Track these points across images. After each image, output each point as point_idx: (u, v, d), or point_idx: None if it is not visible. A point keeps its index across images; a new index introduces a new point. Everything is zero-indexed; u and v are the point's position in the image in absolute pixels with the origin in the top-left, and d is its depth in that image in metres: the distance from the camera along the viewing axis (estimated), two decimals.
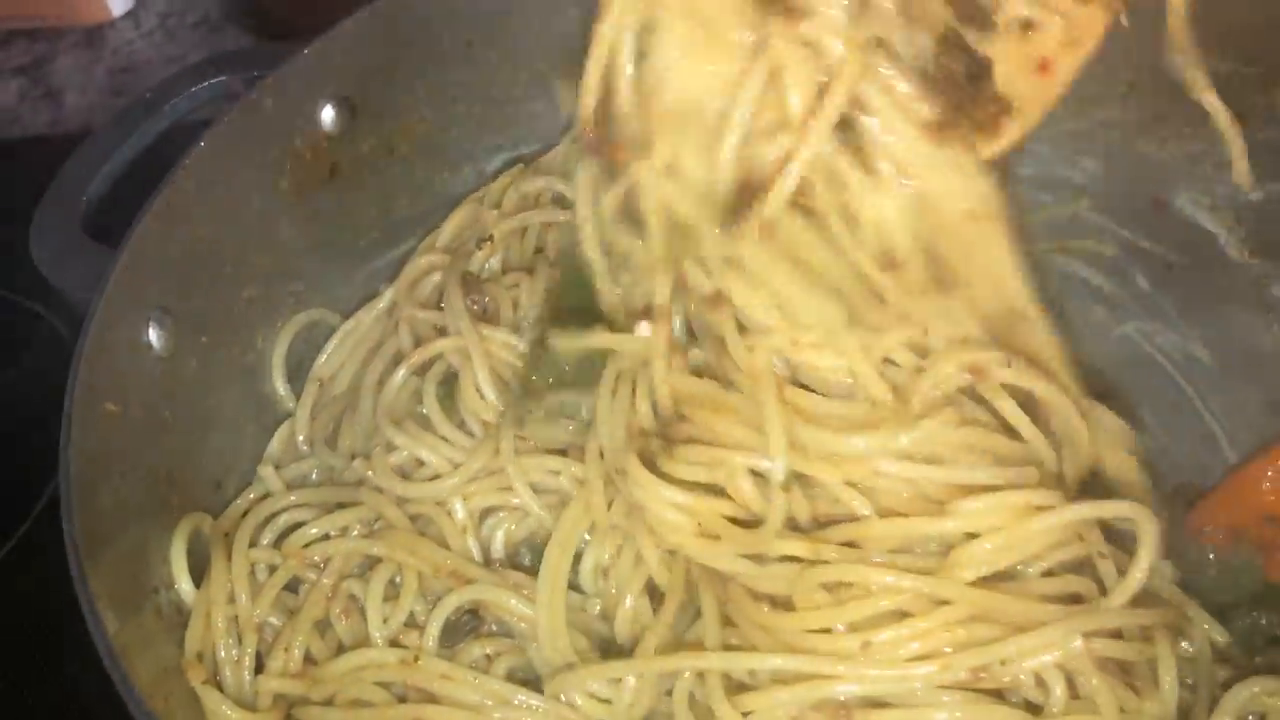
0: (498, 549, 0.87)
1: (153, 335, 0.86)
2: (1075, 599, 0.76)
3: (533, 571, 0.85)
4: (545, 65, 1.10)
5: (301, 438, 0.95)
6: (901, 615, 0.73)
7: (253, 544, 0.87)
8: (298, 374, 1.01)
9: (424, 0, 1.01)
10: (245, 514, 0.89)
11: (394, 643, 0.82)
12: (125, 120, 0.93)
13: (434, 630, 0.81)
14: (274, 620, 0.84)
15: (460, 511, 0.87)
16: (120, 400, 0.81)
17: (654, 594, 0.82)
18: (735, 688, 0.75)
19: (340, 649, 0.83)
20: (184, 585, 0.83)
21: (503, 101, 1.10)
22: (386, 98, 1.03)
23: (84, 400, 0.77)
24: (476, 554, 0.87)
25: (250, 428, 0.97)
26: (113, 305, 0.82)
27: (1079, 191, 1.09)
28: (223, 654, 0.81)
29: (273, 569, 0.86)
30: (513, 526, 0.88)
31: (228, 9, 1.41)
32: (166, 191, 0.87)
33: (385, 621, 0.82)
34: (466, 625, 0.82)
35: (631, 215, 0.83)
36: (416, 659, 0.79)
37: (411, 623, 0.83)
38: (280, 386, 0.99)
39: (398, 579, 0.85)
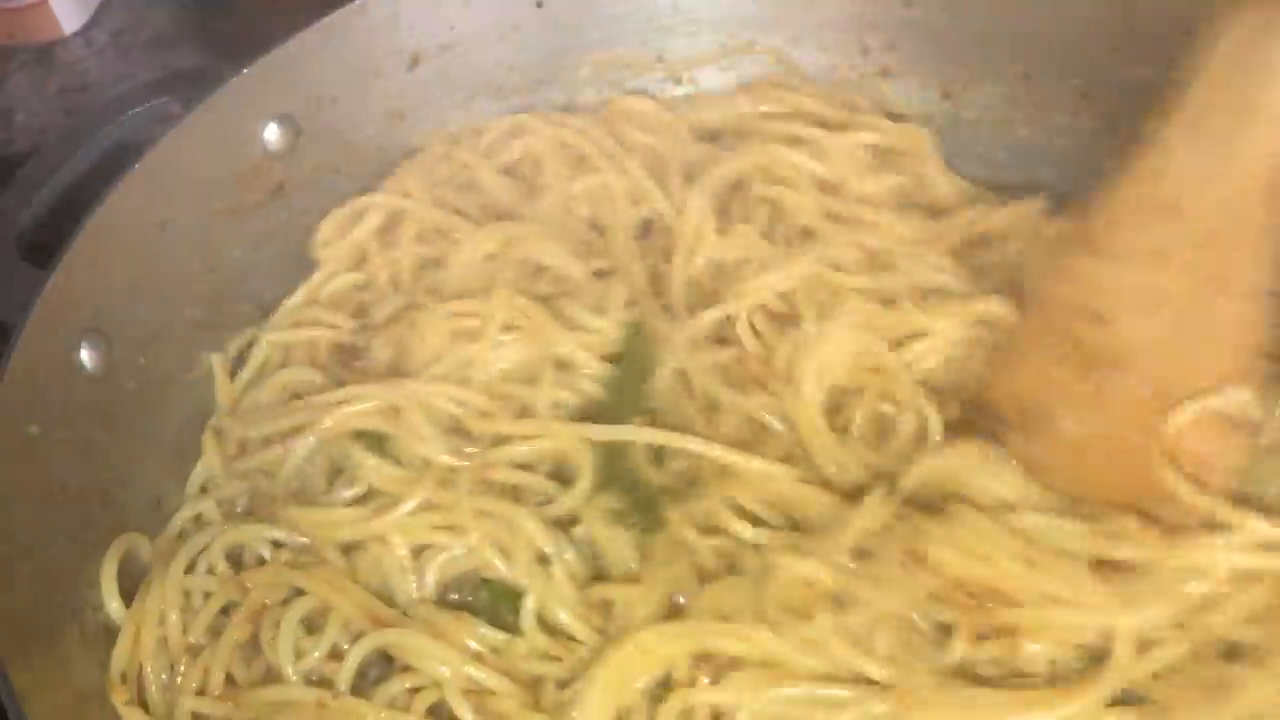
0: (429, 585, 0.84)
1: (85, 357, 0.86)
2: None
3: (465, 608, 0.83)
4: (494, 81, 1.10)
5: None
6: None
7: (190, 570, 0.86)
8: None
9: (367, 17, 1.02)
10: (179, 534, 0.89)
11: (311, 675, 0.80)
12: (64, 145, 0.93)
13: (351, 665, 0.79)
14: (205, 642, 0.84)
15: (401, 547, 0.85)
16: (45, 422, 0.81)
17: None
18: None
19: (269, 674, 0.82)
20: (113, 606, 0.83)
21: (454, 118, 1.10)
22: (331, 115, 1.03)
23: (2, 423, 0.77)
24: (415, 589, 0.84)
25: (193, 447, 0.96)
26: (40, 327, 0.82)
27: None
28: (149, 674, 0.81)
29: (208, 595, 0.85)
30: (448, 560, 0.85)
31: (181, 26, 1.41)
32: (100, 213, 0.88)
33: (300, 657, 0.80)
34: (380, 668, 0.81)
35: None
36: (332, 699, 0.78)
37: (334, 653, 0.81)
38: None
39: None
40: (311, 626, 0.83)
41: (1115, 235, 0.79)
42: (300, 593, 0.83)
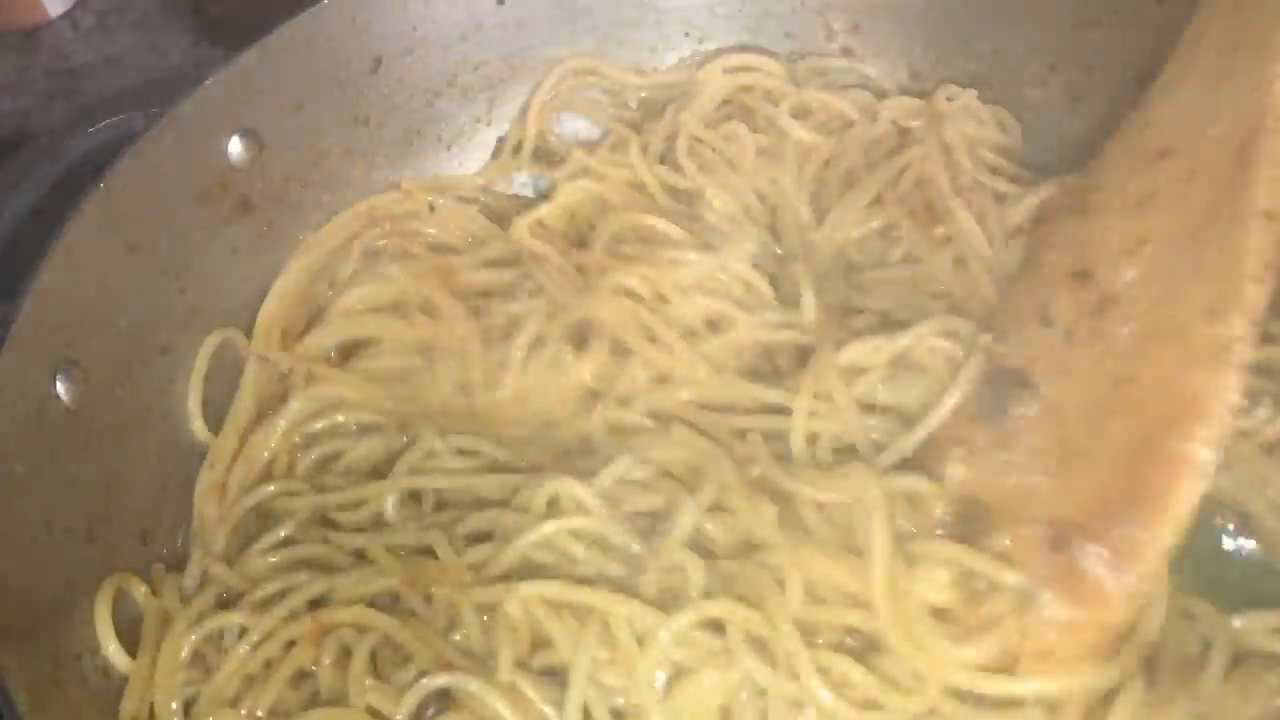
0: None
1: (60, 389, 0.82)
2: None
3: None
4: (458, 81, 1.08)
5: None
6: None
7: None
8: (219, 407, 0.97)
9: (328, 21, 0.99)
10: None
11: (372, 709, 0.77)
12: (17, 168, 0.89)
13: (411, 701, 0.75)
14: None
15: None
16: (27, 460, 0.78)
17: None
18: None
19: (314, 699, 0.78)
20: (111, 648, 0.79)
21: (419, 120, 1.07)
22: (296, 125, 1.00)
23: None
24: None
25: (177, 475, 0.92)
26: (13, 362, 0.78)
27: None
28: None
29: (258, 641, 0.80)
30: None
31: (167, 8, 1.37)
32: (65, 239, 0.83)
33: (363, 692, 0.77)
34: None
35: None
36: None
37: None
38: (198, 430, 0.94)
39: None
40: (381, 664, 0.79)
41: (1102, 191, 0.78)
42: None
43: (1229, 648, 0.70)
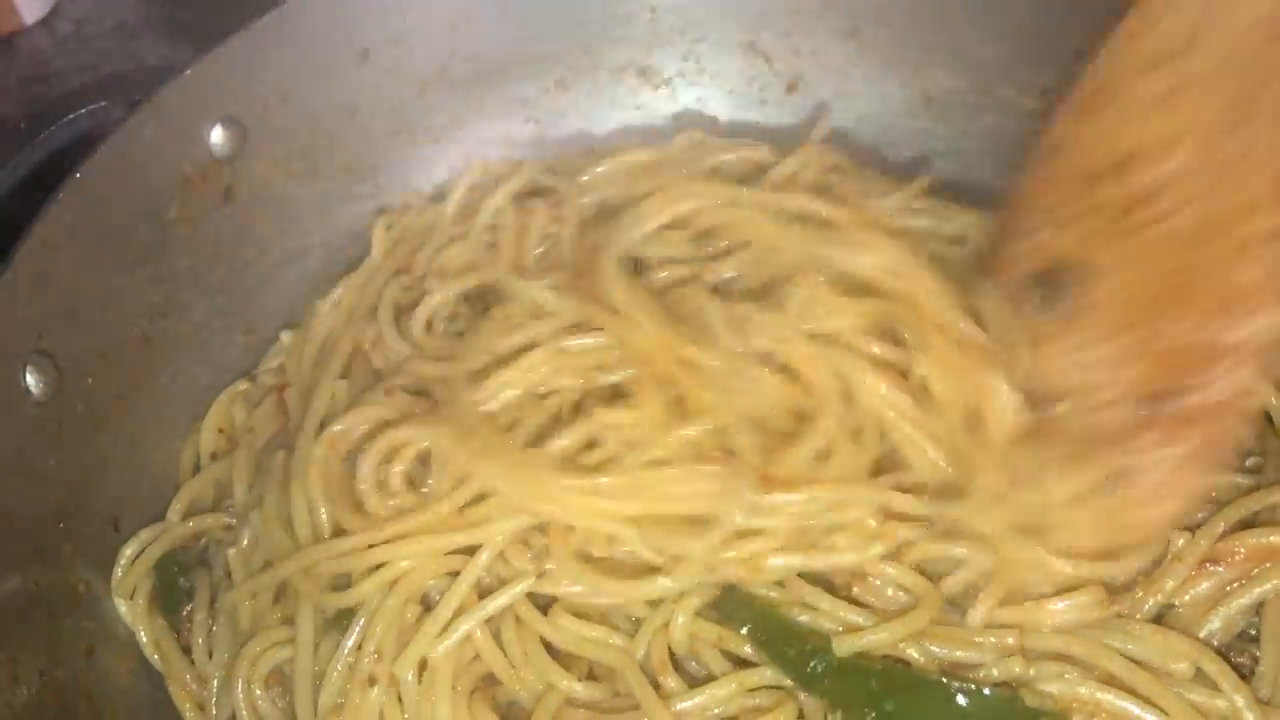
0: None
1: (30, 381, 0.83)
2: None
3: None
4: (447, 73, 1.06)
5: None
6: None
7: None
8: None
9: (313, 9, 0.98)
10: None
11: None
12: None
13: None
14: None
15: None
16: None
17: None
18: None
19: None
20: None
21: (408, 111, 1.06)
22: (280, 114, 0.99)
23: None
24: None
25: (152, 464, 0.94)
26: None
27: None
28: None
29: None
30: None
31: (146, 15, 1.36)
32: (39, 229, 0.83)
33: None
34: None
35: None
36: None
37: None
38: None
39: None
40: None
41: (1118, 91, 0.77)
42: None
43: None
